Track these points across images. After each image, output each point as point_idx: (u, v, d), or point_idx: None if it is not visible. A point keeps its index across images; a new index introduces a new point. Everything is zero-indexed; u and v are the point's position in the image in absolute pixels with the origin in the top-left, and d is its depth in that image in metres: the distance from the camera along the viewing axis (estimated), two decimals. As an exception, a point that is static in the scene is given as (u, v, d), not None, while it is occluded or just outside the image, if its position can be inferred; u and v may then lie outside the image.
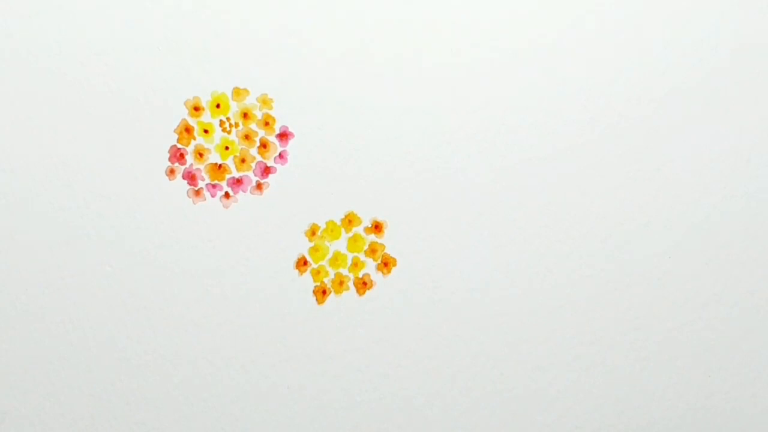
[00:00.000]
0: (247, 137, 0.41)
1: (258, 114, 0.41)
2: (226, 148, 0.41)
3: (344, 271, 0.41)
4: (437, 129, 0.42)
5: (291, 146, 0.42)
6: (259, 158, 0.41)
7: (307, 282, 0.41)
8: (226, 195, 0.41)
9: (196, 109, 0.41)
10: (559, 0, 0.43)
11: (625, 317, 0.42)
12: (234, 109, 0.41)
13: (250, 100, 0.41)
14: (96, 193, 0.41)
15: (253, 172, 0.41)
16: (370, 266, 0.42)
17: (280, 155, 0.41)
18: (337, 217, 0.42)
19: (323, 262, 0.41)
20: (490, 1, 0.43)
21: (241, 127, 0.41)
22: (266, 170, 0.41)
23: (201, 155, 0.41)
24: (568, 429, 0.41)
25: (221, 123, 0.41)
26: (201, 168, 0.41)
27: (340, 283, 0.41)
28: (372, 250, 0.42)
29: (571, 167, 0.42)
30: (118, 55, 0.41)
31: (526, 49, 0.43)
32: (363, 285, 0.41)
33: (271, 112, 0.42)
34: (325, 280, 0.41)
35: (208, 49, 0.41)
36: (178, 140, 0.41)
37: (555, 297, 0.42)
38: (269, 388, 0.40)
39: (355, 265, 0.42)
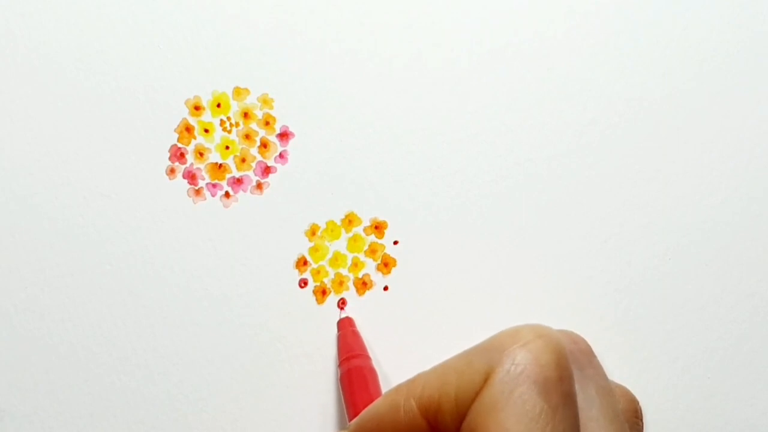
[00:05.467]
0: (247, 137, 0.41)
1: (258, 113, 0.42)
2: (227, 147, 0.41)
3: (344, 271, 0.41)
4: (438, 129, 0.42)
5: (291, 146, 0.42)
6: (259, 158, 0.41)
7: (307, 282, 0.41)
8: (227, 194, 0.41)
9: (197, 108, 0.41)
10: (559, 0, 0.43)
11: (625, 318, 0.42)
12: (234, 108, 0.41)
13: (250, 100, 0.41)
14: (96, 192, 0.41)
15: (254, 171, 0.41)
16: (370, 266, 0.42)
17: (281, 155, 0.42)
18: (337, 217, 0.42)
19: (323, 262, 0.41)
20: (492, 2, 0.43)
21: (241, 126, 0.41)
22: (266, 170, 0.41)
23: (201, 155, 0.41)
24: (568, 429, 0.41)
25: (222, 122, 0.41)
26: (201, 167, 0.41)
27: (340, 283, 0.41)
28: (372, 250, 0.42)
29: (572, 168, 0.42)
30: (118, 54, 0.41)
31: (528, 49, 0.43)
32: (363, 285, 0.41)
33: (272, 112, 0.42)
34: (325, 280, 0.41)
35: (208, 48, 0.41)
36: (179, 139, 0.41)
37: (555, 297, 0.42)
38: (269, 388, 0.40)
39: (355, 265, 0.42)
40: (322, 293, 0.41)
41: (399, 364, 0.41)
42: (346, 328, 0.41)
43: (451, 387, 0.27)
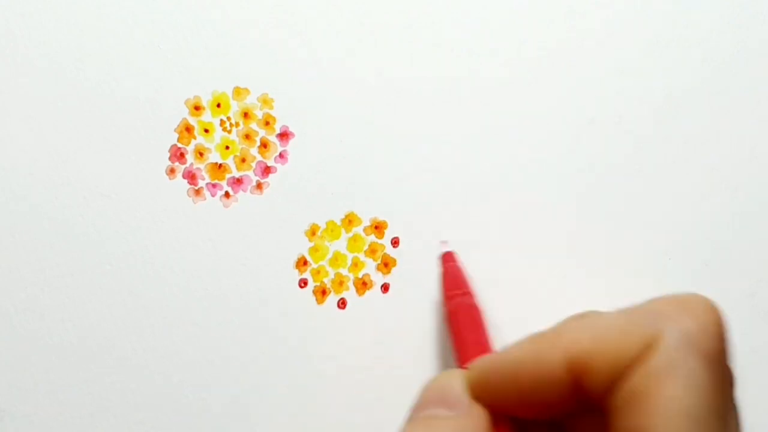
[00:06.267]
0: (247, 137, 0.41)
1: (258, 113, 0.42)
2: (227, 147, 0.41)
3: (344, 271, 0.41)
4: (438, 129, 0.42)
5: (291, 146, 0.42)
6: (259, 158, 0.41)
7: (307, 282, 0.41)
8: (227, 194, 0.41)
9: (197, 108, 0.41)
10: (558, 1, 0.43)
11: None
12: (234, 108, 0.41)
13: (250, 100, 0.41)
14: (96, 192, 0.41)
15: (254, 171, 0.41)
16: (370, 266, 0.42)
17: (281, 155, 0.42)
18: (337, 217, 0.42)
19: (323, 262, 0.41)
20: (492, 2, 0.43)
21: (241, 126, 0.41)
22: (266, 170, 0.41)
23: (201, 154, 0.41)
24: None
25: (222, 122, 0.41)
26: (201, 167, 0.41)
27: (340, 283, 0.41)
28: (372, 250, 0.42)
29: (572, 168, 0.42)
30: (118, 54, 0.41)
31: (526, 49, 0.43)
32: (363, 285, 0.41)
33: (272, 112, 0.42)
34: (325, 280, 0.41)
35: (208, 48, 0.41)
36: (179, 139, 0.41)
37: (556, 298, 0.42)
38: (269, 388, 0.40)
39: (355, 265, 0.42)
40: (322, 293, 0.41)
41: (399, 364, 0.41)
42: (450, 262, 0.40)
43: (609, 346, 0.25)
